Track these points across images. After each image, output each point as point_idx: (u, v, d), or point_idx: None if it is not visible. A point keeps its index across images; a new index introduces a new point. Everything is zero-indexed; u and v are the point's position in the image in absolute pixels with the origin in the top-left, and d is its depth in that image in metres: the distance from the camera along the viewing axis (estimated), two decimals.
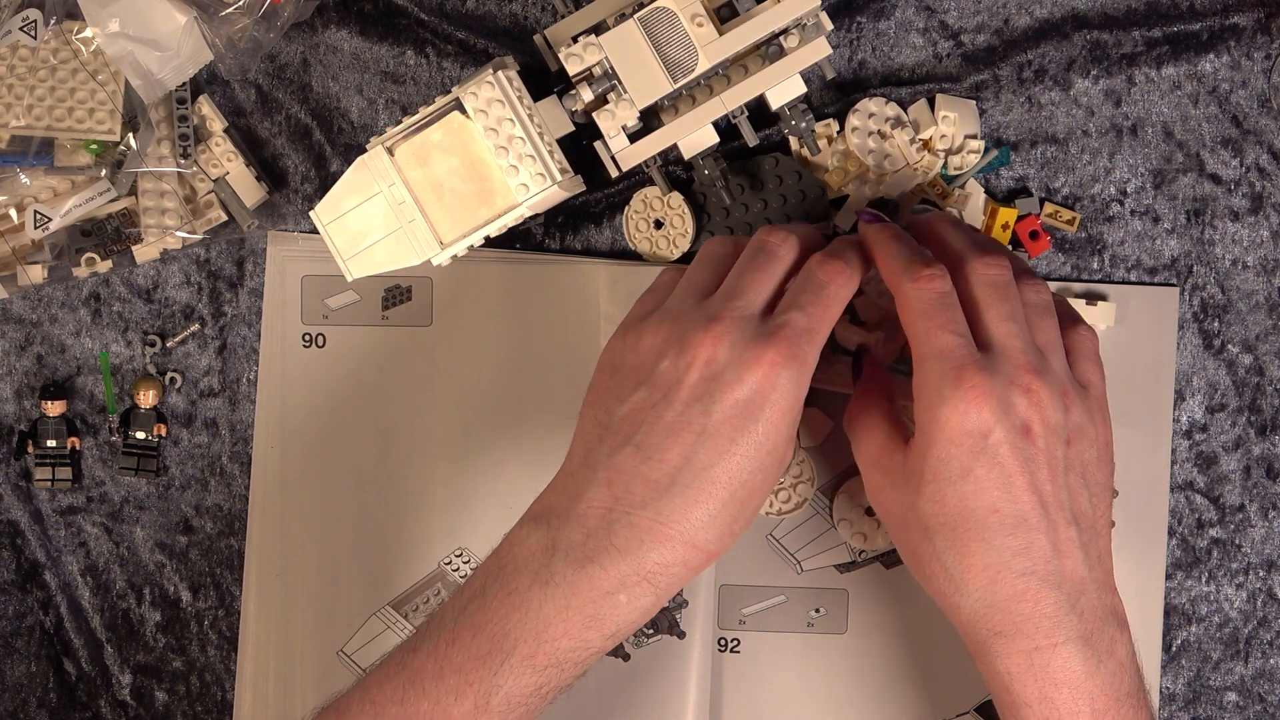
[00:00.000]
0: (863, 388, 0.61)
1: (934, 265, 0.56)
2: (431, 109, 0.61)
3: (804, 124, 0.65)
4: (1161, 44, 0.67)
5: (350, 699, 0.56)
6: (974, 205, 0.67)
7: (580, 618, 0.54)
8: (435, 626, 0.56)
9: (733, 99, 0.63)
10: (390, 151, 0.61)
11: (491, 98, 0.60)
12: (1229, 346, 0.68)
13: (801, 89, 0.64)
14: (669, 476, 0.54)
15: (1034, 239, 0.67)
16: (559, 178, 0.61)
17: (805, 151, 0.66)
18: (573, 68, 0.62)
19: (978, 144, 0.66)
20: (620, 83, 0.62)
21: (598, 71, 0.62)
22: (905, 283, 0.56)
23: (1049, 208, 0.68)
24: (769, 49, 0.63)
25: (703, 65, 0.61)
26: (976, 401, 0.53)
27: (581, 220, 0.68)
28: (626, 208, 0.67)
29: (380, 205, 0.62)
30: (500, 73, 0.60)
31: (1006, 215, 0.67)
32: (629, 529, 0.54)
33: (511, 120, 0.61)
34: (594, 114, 0.63)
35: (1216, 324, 0.68)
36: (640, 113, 0.63)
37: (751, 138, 0.65)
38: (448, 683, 0.54)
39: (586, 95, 0.62)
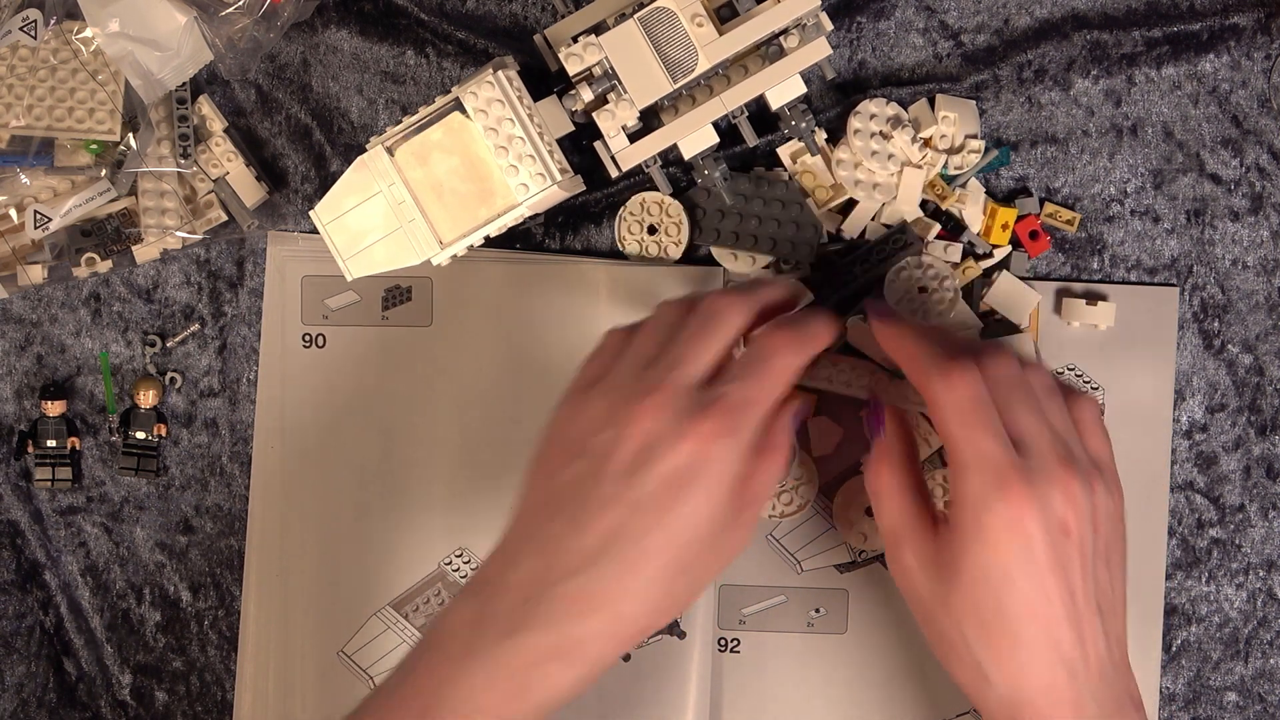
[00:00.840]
0: (884, 446, 0.60)
1: (963, 365, 0.56)
2: (431, 109, 0.61)
3: (804, 124, 0.65)
4: (1161, 44, 0.67)
5: None
6: (974, 205, 0.67)
7: (508, 687, 0.53)
8: (376, 697, 0.55)
9: (733, 99, 0.63)
10: (390, 151, 0.61)
11: (491, 97, 0.60)
12: (1229, 346, 0.68)
13: (801, 89, 0.64)
14: (599, 547, 0.53)
15: (1034, 239, 0.67)
16: (559, 178, 0.61)
17: (807, 153, 0.66)
18: (573, 68, 0.62)
19: (978, 144, 0.66)
20: (620, 83, 0.62)
21: (598, 71, 0.62)
22: (936, 384, 0.56)
23: (1049, 208, 0.68)
24: (769, 49, 0.63)
25: (703, 65, 0.61)
26: (1022, 508, 0.53)
27: (581, 220, 0.68)
28: (622, 208, 0.67)
29: (380, 205, 0.62)
30: (500, 72, 0.60)
31: (1006, 215, 0.67)
32: (557, 599, 0.53)
33: (511, 120, 0.61)
34: (594, 114, 0.63)
35: (1216, 324, 0.68)
36: (640, 113, 0.63)
37: (751, 138, 0.65)
38: None
39: (586, 95, 0.62)
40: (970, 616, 0.55)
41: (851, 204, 0.67)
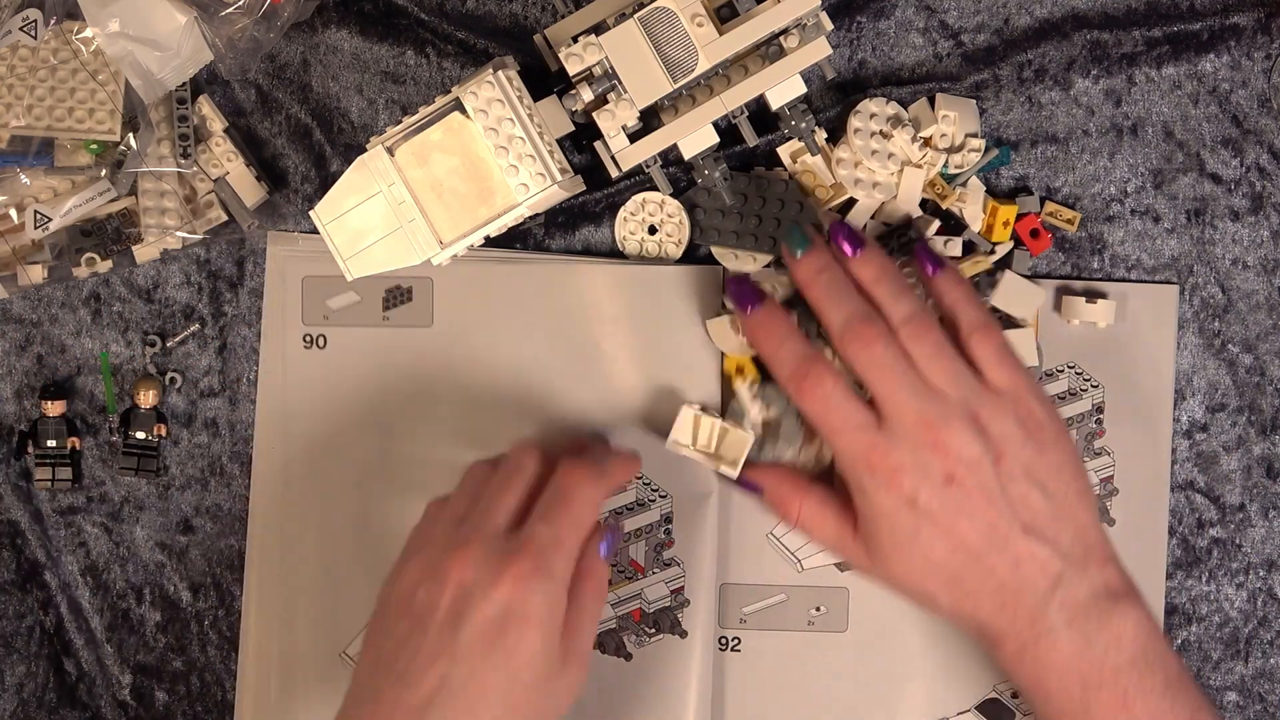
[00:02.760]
0: (774, 496, 0.64)
1: (814, 368, 0.60)
2: (431, 109, 0.61)
3: (804, 124, 0.65)
4: (1161, 44, 0.67)
5: None
6: (974, 204, 0.67)
7: None
8: None
9: (733, 99, 0.63)
10: (390, 151, 0.61)
11: (491, 97, 0.60)
12: (1229, 346, 0.68)
13: (801, 89, 0.64)
14: (426, 700, 0.54)
15: (1034, 237, 0.67)
16: (559, 177, 0.61)
17: (807, 153, 0.66)
18: (573, 68, 0.62)
19: (978, 143, 0.66)
20: (620, 83, 0.62)
21: (598, 71, 0.62)
22: (793, 390, 0.60)
23: (1049, 207, 0.68)
24: (769, 49, 0.63)
25: (703, 65, 0.61)
26: (891, 479, 0.58)
27: (581, 220, 0.68)
28: (622, 208, 0.67)
29: (380, 205, 0.62)
30: (500, 73, 0.60)
31: (1006, 212, 0.67)
32: None
33: (511, 120, 0.61)
34: (594, 114, 0.63)
35: (1216, 324, 0.68)
36: (640, 113, 0.63)
37: (751, 138, 0.65)
38: None
39: (586, 95, 0.62)
40: (909, 578, 0.60)
41: (851, 204, 0.67)
